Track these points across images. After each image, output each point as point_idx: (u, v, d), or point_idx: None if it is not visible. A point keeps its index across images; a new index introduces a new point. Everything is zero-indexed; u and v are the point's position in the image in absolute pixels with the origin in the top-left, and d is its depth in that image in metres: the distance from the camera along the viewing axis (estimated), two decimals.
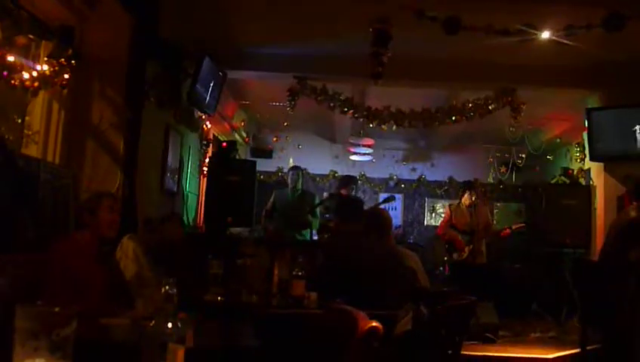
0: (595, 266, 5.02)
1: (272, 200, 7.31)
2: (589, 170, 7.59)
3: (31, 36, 3.65)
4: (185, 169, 6.55)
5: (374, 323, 1.62)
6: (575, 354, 4.99)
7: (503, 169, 10.31)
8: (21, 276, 3.00)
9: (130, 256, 3.64)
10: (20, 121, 4.35)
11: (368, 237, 3.85)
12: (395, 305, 3.30)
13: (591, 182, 7.30)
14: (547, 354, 5.13)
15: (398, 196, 11.10)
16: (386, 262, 3.65)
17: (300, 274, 3.50)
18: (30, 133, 4.39)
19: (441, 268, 7.97)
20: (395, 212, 10.71)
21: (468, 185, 7.27)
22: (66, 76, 4.16)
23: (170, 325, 1.32)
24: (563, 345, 5.40)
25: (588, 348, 4.62)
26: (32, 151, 4.33)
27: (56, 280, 2.88)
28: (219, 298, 3.43)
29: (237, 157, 7.64)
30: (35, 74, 3.85)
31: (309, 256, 3.92)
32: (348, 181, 7.83)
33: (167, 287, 1.37)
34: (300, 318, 2.71)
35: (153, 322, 1.33)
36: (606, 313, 4.30)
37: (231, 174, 6.64)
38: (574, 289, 5.70)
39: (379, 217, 4.19)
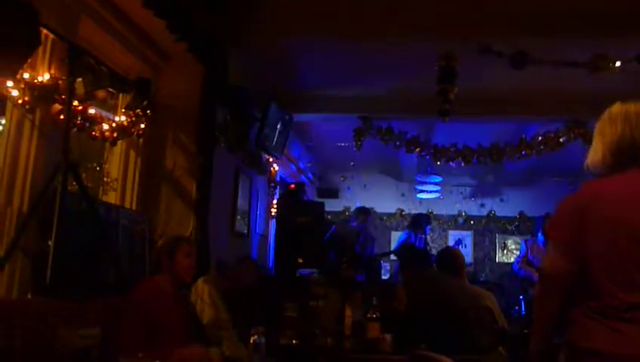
0: None
1: (330, 232, 7.26)
2: None
3: (110, 89, 3.82)
4: (254, 211, 6.64)
5: None
6: None
7: None
8: (104, 319, 3.08)
9: (207, 299, 3.66)
10: (98, 169, 4.55)
11: (445, 279, 3.75)
12: (478, 349, 3.18)
13: None
14: None
15: (468, 233, 10.86)
16: (464, 303, 3.55)
17: (374, 316, 3.45)
18: (109, 180, 4.58)
19: (516, 308, 7.68)
20: (466, 249, 10.46)
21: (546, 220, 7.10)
22: (142, 126, 4.33)
23: None
24: None
25: None
26: (111, 198, 4.50)
27: (134, 323, 2.94)
28: (294, 341, 3.41)
29: (304, 198, 7.69)
30: (113, 125, 4.03)
31: (383, 297, 3.86)
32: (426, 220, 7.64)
33: (255, 337, 1.35)
34: None
35: None
36: None
37: (299, 215, 6.69)
38: None
39: (452, 257, 4.09)
